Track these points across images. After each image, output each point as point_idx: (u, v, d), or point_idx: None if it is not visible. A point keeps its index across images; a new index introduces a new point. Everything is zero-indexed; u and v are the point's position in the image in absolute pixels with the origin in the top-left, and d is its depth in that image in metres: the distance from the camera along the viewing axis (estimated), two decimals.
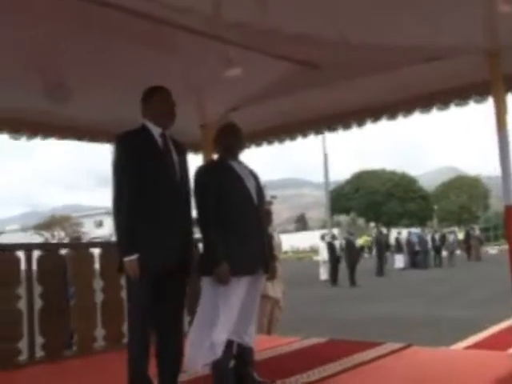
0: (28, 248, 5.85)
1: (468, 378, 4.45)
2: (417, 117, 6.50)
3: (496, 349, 6.91)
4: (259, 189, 4.42)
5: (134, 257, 3.75)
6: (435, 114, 6.48)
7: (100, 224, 79.87)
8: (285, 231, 79.38)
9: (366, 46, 5.06)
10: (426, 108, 6.26)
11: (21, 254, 5.70)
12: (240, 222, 4.19)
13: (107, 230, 63.66)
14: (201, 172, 4.33)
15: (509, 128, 5.24)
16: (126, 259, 3.76)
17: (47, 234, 63.34)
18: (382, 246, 28.68)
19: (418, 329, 10.45)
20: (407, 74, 5.67)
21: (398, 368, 4.94)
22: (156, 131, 4.01)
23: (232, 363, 4.23)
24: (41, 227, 68.18)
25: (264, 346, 5.52)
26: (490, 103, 5.47)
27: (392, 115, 6.54)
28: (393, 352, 5.47)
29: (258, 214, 4.31)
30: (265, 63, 5.55)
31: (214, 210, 4.13)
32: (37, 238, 54.70)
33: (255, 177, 4.46)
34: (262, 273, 4.37)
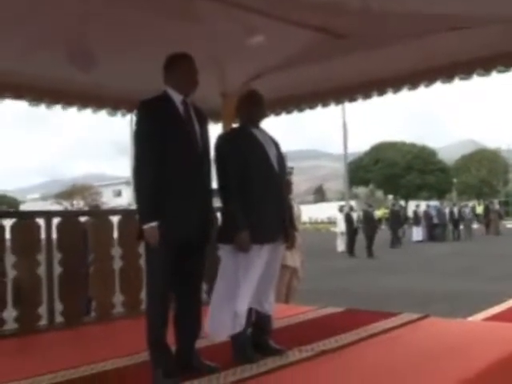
0: (48, 215, 5.90)
1: (485, 348, 4.44)
2: (438, 87, 6.42)
3: None
4: (280, 157, 4.40)
5: (155, 224, 3.75)
6: (456, 87, 6.40)
7: (119, 194, 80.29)
8: (303, 202, 79.38)
9: (388, 14, 4.99)
10: (448, 77, 6.17)
11: (41, 222, 5.75)
12: (260, 190, 4.19)
13: (126, 199, 64.06)
14: (222, 140, 4.32)
15: None
16: (146, 226, 3.77)
17: (66, 203, 63.80)
18: (397, 219, 28.55)
19: (435, 302, 10.45)
20: (430, 43, 5.58)
21: (414, 338, 4.94)
22: (178, 98, 3.99)
23: (249, 330, 4.27)
24: (61, 196, 68.72)
25: (281, 314, 5.54)
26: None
27: (413, 85, 6.45)
28: (409, 322, 5.47)
29: (278, 183, 4.31)
30: (286, 32, 5.50)
31: (235, 178, 4.13)
32: (56, 207, 55.15)
33: (276, 145, 4.45)
34: (281, 241, 4.38)
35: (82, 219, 6.39)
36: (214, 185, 4.17)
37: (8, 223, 5.62)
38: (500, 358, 4.20)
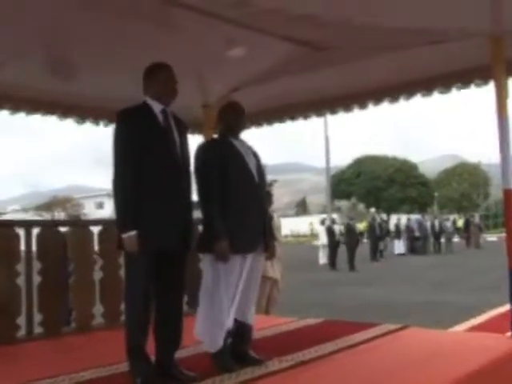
0: (28, 224, 5.87)
1: (464, 357, 4.47)
2: (418, 100, 6.50)
3: (494, 332, 6.92)
4: (260, 167, 4.43)
5: (134, 233, 3.75)
6: (437, 101, 6.48)
7: (100, 205, 79.85)
8: (285, 215, 79.40)
9: (368, 27, 5.05)
10: (427, 91, 6.26)
11: (20, 231, 5.72)
12: (240, 199, 4.21)
13: (108, 211, 63.72)
14: (202, 149, 4.34)
15: (509, 113, 5.24)
16: (125, 235, 3.77)
17: (47, 215, 63.33)
18: (376, 232, 28.62)
19: (417, 313, 10.48)
20: (409, 57, 5.66)
21: (393, 348, 4.96)
22: (157, 108, 4.01)
23: (229, 340, 4.27)
24: (42, 208, 68.21)
25: (261, 325, 5.53)
26: (491, 89, 5.46)
27: (393, 98, 6.53)
28: (389, 333, 5.49)
29: (258, 192, 4.34)
30: (267, 44, 5.53)
31: (215, 187, 4.14)
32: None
33: (256, 156, 4.47)
34: (261, 251, 4.39)
35: (63, 229, 6.36)
36: (195, 197, 4.18)
37: None
38: (480, 366, 4.23)
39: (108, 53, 5.46)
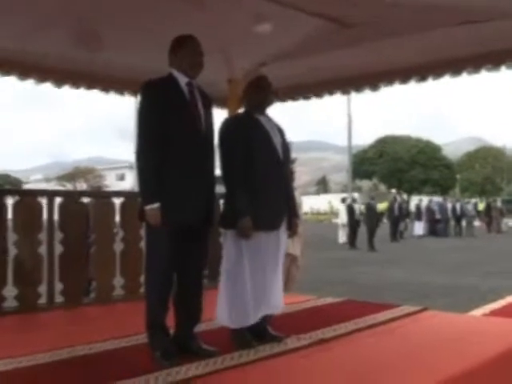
0: (50, 194, 5.90)
1: (483, 342, 4.44)
2: (446, 81, 6.38)
3: None
4: (285, 145, 4.37)
5: (156, 205, 3.74)
6: (464, 83, 6.37)
7: (122, 177, 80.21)
8: (306, 193, 79.34)
9: (399, 4, 4.96)
10: (456, 71, 6.14)
11: (43, 201, 5.75)
12: (265, 177, 4.17)
13: (129, 183, 64.10)
14: (227, 125, 4.28)
15: None
16: (148, 207, 3.76)
17: (69, 186, 63.86)
18: (396, 212, 28.36)
19: (435, 296, 10.44)
20: (440, 36, 5.55)
21: (412, 330, 4.93)
22: (183, 80, 3.97)
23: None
24: (64, 178, 68.81)
25: None
26: None
27: (421, 77, 6.42)
28: (408, 315, 5.47)
29: (283, 170, 4.29)
30: (296, 19, 5.46)
31: (239, 163, 4.10)
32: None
33: (282, 132, 4.41)
34: (284, 229, 4.36)
35: (85, 200, 6.39)
36: (218, 171, 4.15)
37: (10, 201, 5.63)
38: (499, 352, 4.20)
39: (135, 26, 5.43)
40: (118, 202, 6.32)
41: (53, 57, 6.19)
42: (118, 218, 6.31)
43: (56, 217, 5.84)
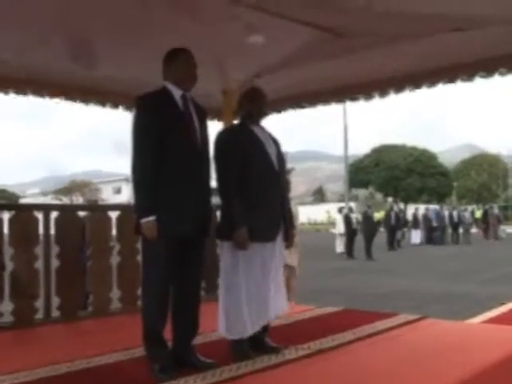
0: (46, 208, 5.89)
1: (483, 350, 4.43)
2: (440, 89, 6.39)
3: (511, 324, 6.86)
4: (280, 155, 4.38)
5: (152, 218, 3.73)
6: (458, 91, 6.40)
7: (118, 191, 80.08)
8: (302, 203, 79.36)
9: (390, 13, 4.97)
10: (450, 79, 6.16)
11: (39, 215, 5.74)
12: (260, 187, 4.16)
13: (125, 196, 64.02)
14: (222, 137, 4.29)
15: None
16: (144, 220, 3.75)
17: (66, 199, 63.76)
18: (393, 221, 28.33)
19: (433, 303, 10.44)
20: (432, 44, 5.56)
21: (411, 339, 4.92)
22: (177, 93, 3.97)
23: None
24: (61, 192, 68.69)
25: None
26: None
27: (415, 86, 6.44)
28: (407, 323, 5.46)
29: (278, 180, 4.29)
30: (288, 30, 5.47)
31: (235, 174, 4.10)
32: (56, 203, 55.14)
33: (276, 143, 4.42)
34: (281, 240, 4.36)
35: (81, 214, 6.38)
36: (213, 183, 4.15)
37: (6, 216, 5.62)
38: (498, 359, 4.19)
39: (129, 38, 5.43)
40: (114, 215, 6.31)
41: (48, 71, 6.20)
42: (114, 232, 6.30)
43: (52, 231, 5.82)
